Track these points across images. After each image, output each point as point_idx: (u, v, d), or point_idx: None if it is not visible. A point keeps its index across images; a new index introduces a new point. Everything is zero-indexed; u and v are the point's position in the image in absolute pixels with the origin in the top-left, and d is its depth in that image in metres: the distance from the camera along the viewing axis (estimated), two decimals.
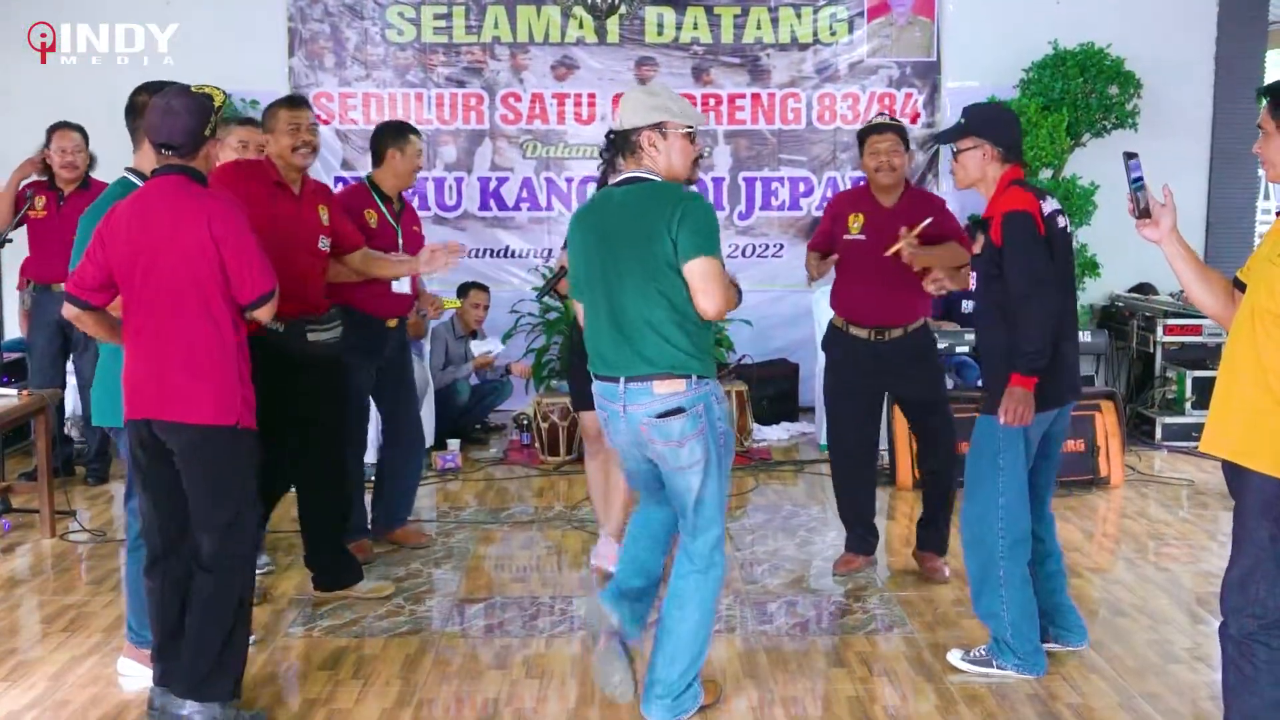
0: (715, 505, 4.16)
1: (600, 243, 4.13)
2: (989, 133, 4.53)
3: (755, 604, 5.49)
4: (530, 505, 7.23)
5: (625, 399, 4.07)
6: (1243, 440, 3.40)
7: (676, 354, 4.02)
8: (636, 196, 4.09)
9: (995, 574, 4.58)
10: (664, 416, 4.02)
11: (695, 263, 3.95)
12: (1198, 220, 9.44)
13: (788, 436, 9.06)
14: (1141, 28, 9.29)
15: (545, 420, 8.23)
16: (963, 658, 4.74)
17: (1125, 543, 6.47)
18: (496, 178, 9.66)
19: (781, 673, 4.73)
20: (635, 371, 4.05)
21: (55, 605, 5.46)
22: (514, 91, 9.60)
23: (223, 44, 9.11)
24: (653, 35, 9.57)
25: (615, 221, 4.10)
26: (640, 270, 4.01)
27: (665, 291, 4.00)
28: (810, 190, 9.68)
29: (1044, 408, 4.49)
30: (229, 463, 4.06)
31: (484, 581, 5.83)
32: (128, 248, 3.96)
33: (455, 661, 4.86)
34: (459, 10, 9.49)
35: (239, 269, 3.96)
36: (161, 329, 3.96)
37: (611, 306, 4.09)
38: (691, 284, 3.98)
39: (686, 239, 3.94)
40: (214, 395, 3.97)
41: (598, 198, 4.33)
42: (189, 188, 4.00)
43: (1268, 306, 3.32)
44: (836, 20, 9.61)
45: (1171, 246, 3.59)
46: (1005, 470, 4.52)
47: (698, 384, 4.05)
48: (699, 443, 4.05)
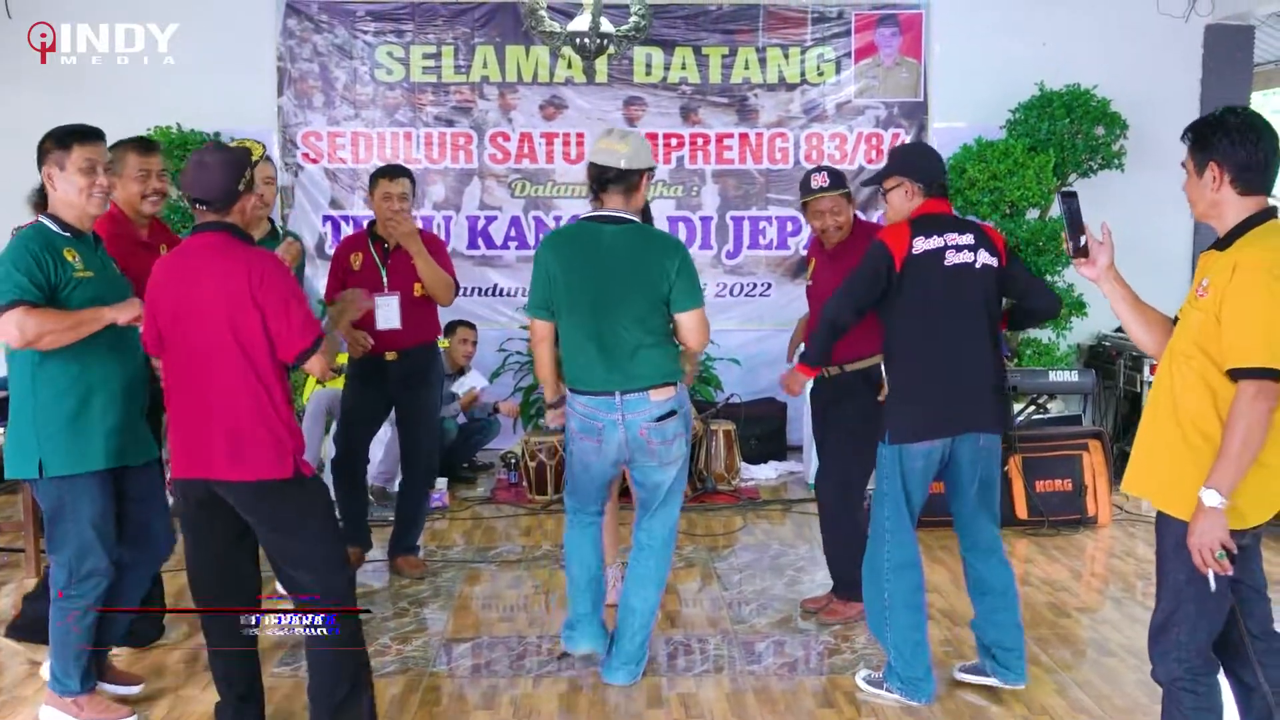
0: (679, 491, 4.98)
1: (591, 276, 4.62)
2: (907, 170, 4.78)
3: (743, 643, 5.47)
4: (518, 544, 7.21)
5: (623, 409, 4.68)
6: (1158, 482, 3.49)
7: (666, 365, 4.73)
8: (634, 239, 4.68)
9: (881, 595, 4.75)
10: (662, 419, 4.71)
11: (691, 315, 4.71)
12: (1183, 258, 9.48)
13: (776, 475, 9.04)
14: (1127, 69, 9.35)
15: (533, 459, 8.21)
16: (863, 678, 4.93)
17: (1113, 582, 6.47)
18: (485, 216, 9.68)
19: (770, 713, 4.71)
20: (630, 386, 4.67)
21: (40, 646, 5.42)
22: (502, 131, 9.63)
23: (211, 85, 9.11)
24: (641, 75, 9.61)
25: (612, 259, 4.60)
26: (638, 306, 4.64)
27: (659, 323, 4.71)
28: (798, 229, 9.70)
29: (924, 437, 4.63)
30: (297, 511, 4.08)
31: (471, 621, 5.81)
32: (173, 304, 4.00)
33: (442, 701, 4.84)
34: (448, 50, 9.52)
35: (279, 329, 3.95)
36: (208, 388, 3.98)
37: (600, 333, 4.66)
38: (683, 329, 4.75)
39: (683, 290, 4.66)
40: (270, 449, 3.98)
41: (580, 229, 4.78)
42: (230, 245, 4.00)
43: (1181, 347, 3.42)
44: (824, 61, 9.67)
45: (1109, 285, 3.66)
46: (887, 495, 4.73)
47: (681, 390, 4.81)
48: (683, 440, 4.83)
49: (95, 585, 4.42)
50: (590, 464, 4.87)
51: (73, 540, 4.37)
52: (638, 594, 4.94)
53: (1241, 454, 3.22)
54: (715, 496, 8.25)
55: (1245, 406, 3.21)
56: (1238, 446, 3.21)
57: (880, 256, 4.60)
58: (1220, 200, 3.41)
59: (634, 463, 4.84)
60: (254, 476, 3.97)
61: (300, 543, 4.09)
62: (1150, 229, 9.08)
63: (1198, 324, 3.35)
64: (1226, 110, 3.43)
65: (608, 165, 4.68)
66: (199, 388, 3.99)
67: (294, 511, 4.07)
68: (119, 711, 4.54)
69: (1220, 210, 3.42)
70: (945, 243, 4.61)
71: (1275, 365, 3.20)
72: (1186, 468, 3.35)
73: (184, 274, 4.00)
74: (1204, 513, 3.25)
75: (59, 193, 4.34)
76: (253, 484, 3.98)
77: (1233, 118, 3.38)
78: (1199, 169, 3.43)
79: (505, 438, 9.25)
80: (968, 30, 9.59)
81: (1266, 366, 3.20)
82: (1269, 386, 3.20)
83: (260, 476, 3.97)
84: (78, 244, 4.36)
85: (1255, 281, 3.23)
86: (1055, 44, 9.52)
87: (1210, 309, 3.31)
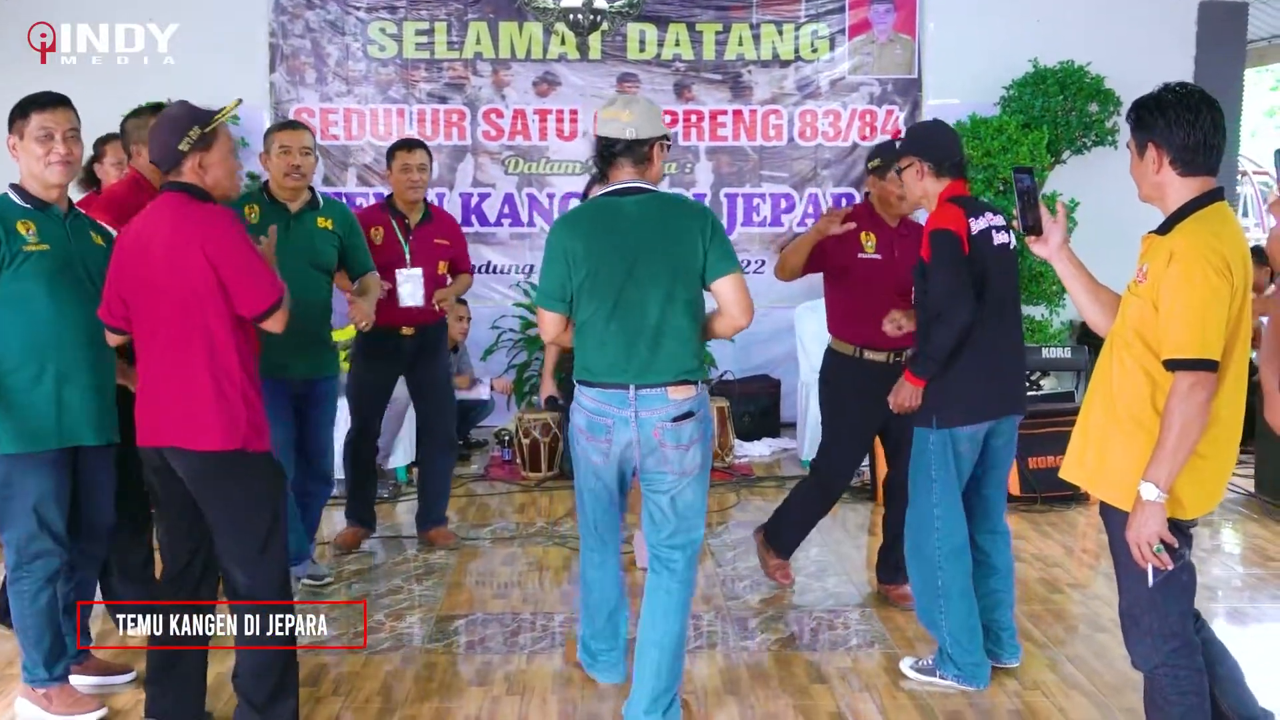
0: (701, 510, 4.32)
1: (615, 252, 4.12)
2: (919, 149, 4.66)
3: (737, 620, 5.49)
4: (512, 521, 7.21)
5: (637, 405, 4.13)
6: (1093, 471, 3.45)
7: (690, 360, 4.18)
8: (657, 207, 4.17)
9: (934, 583, 4.67)
10: (678, 420, 4.15)
11: (729, 279, 4.15)
12: None
13: (769, 452, 9.06)
14: (1121, 46, 9.34)
15: (527, 436, 8.21)
16: (911, 666, 4.83)
17: (1104, 558, 6.45)
18: (478, 194, 9.66)
19: (763, 689, 4.73)
20: (648, 379, 4.13)
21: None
22: (496, 107, 9.61)
23: (203, 61, 9.07)
24: (635, 52, 9.58)
25: (637, 232, 4.12)
26: (669, 280, 4.12)
27: (692, 300, 4.17)
28: (792, 206, 9.71)
29: (974, 420, 4.60)
30: (240, 489, 3.95)
31: (465, 598, 5.82)
32: (133, 270, 3.91)
33: (436, 678, 4.84)
34: (441, 26, 9.49)
35: (238, 285, 3.84)
36: (164, 353, 3.88)
37: (626, 315, 4.13)
38: (724, 298, 4.17)
39: (719, 254, 4.13)
40: (216, 419, 3.86)
41: (598, 206, 4.26)
42: (185, 206, 3.88)
43: (1121, 333, 3.36)
44: (818, 38, 9.65)
45: (1062, 264, 3.58)
46: (938, 481, 4.63)
47: (701, 388, 4.24)
48: (701, 447, 4.21)
49: (44, 565, 4.30)
50: (599, 471, 4.32)
51: (20, 520, 4.25)
52: (659, 626, 4.28)
53: (1178, 447, 3.14)
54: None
55: (1181, 399, 3.13)
56: (1174, 440, 3.14)
57: (952, 243, 4.45)
58: (1162, 182, 3.32)
59: (646, 472, 4.26)
60: (199, 446, 3.87)
61: (234, 526, 3.95)
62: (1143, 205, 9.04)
63: (1137, 311, 3.28)
64: (1165, 88, 3.32)
65: (614, 137, 4.17)
66: (155, 353, 3.90)
67: (237, 490, 3.94)
68: (87, 705, 4.43)
69: (1163, 193, 3.34)
70: (989, 223, 4.59)
71: (1209, 356, 3.13)
72: (1120, 456, 3.31)
73: (139, 239, 3.91)
74: (1142, 506, 3.20)
75: (21, 162, 4.29)
76: (198, 454, 3.88)
77: (1170, 96, 3.29)
78: (1140, 150, 3.35)
79: (499, 415, 9.25)
80: (962, 7, 9.59)
81: (1200, 358, 3.13)
82: (1205, 378, 3.13)
83: (205, 447, 3.87)
84: (38, 215, 4.26)
85: (1190, 271, 3.14)
86: (1049, 21, 9.51)
87: (1148, 296, 3.23)
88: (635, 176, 4.19)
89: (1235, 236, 3.24)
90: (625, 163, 4.19)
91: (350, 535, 6.58)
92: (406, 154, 6.31)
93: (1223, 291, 3.14)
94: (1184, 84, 3.35)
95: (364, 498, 6.63)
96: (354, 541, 6.56)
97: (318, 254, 5.64)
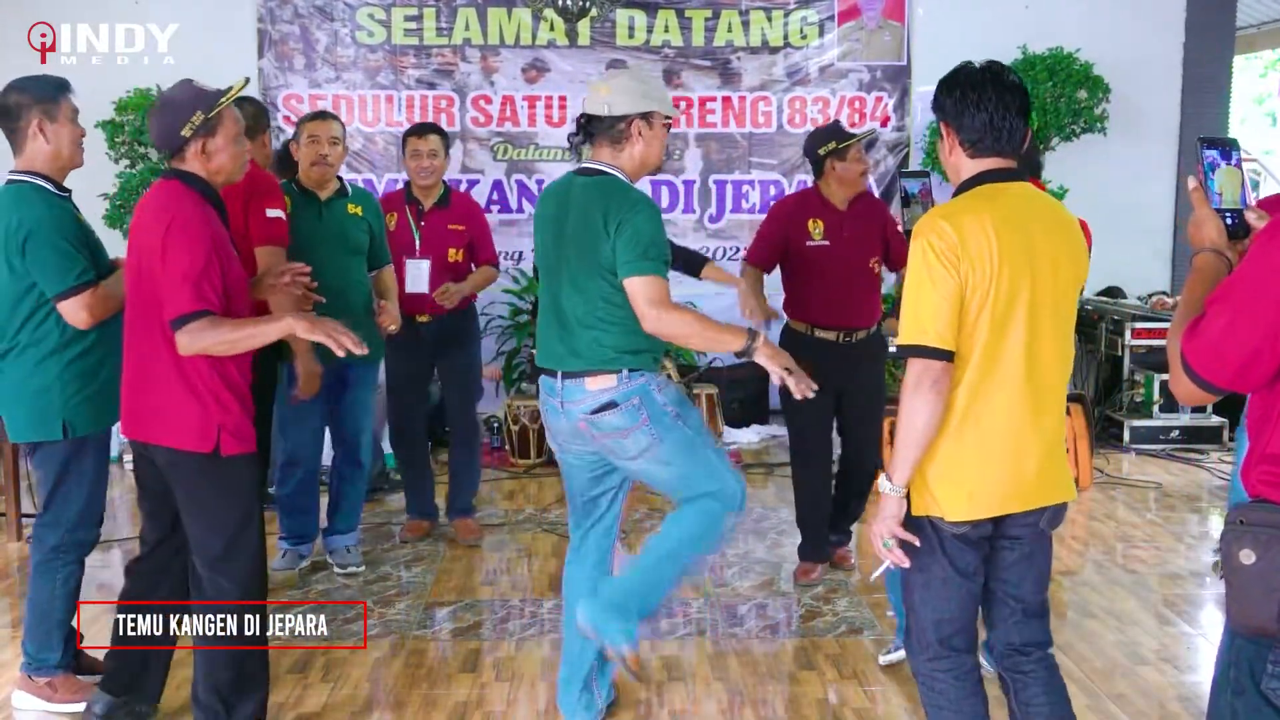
0: (696, 474, 4.01)
1: (554, 232, 4.05)
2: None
3: (725, 606, 5.49)
4: (500, 508, 7.21)
5: (562, 395, 3.98)
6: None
7: (605, 351, 3.93)
8: (594, 192, 3.95)
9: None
10: (598, 412, 3.93)
11: (631, 283, 3.83)
12: (1166, 223, 9.51)
13: (758, 439, 9.07)
14: (1110, 32, 9.33)
15: (515, 423, 8.21)
16: (883, 655, 4.86)
17: (1093, 545, 6.51)
18: (467, 180, 9.63)
19: (751, 675, 4.73)
20: (569, 367, 3.97)
21: (22, 609, 5.41)
22: (485, 94, 9.58)
23: (190, 46, 9.03)
24: (624, 38, 9.55)
25: (570, 214, 3.99)
26: (580, 268, 3.94)
27: (601, 292, 3.92)
28: (781, 193, 9.67)
29: None
30: (210, 491, 3.83)
31: (454, 584, 5.82)
32: (129, 256, 3.86)
33: (425, 664, 4.85)
34: (429, 12, 9.45)
35: (163, 285, 3.67)
36: (140, 345, 3.81)
37: (555, 299, 4.03)
38: (629, 297, 3.87)
39: (626, 253, 3.83)
40: (188, 418, 3.74)
41: (558, 184, 4.19)
42: (171, 194, 3.76)
43: None
44: (807, 24, 9.63)
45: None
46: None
47: (629, 378, 3.93)
48: (643, 432, 3.93)
49: (83, 549, 4.38)
50: (562, 448, 4.18)
51: (75, 500, 4.31)
52: (644, 548, 4.18)
53: (905, 439, 3.00)
54: None
55: (906, 388, 2.98)
56: (901, 430, 3.00)
57: None
58: (955, 165, 3.17)
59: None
60: (171, 444, 3.78)
61: (201, 523, 3.85)
62: (1132, 192, 9.13)
63: None
64: (959, 66, 3.21)
65: (592, 113, 3.98)
66: (134, 345, 3.82)
67: (207, 491, 3.82)
68: (91, 691, 4.38)
69: (958, 175, 3.16)
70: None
71: (925, 342, 2.96)
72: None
73: (136, 224, 3.84)
74: (881, 499, 3.10)
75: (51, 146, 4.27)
76: (169, 450, 3.79)
77: (960, 75, 3.16)
78: (942, 131, 3.20)
79: (488, 401, 9.18)
80: None
81: (916, 344, 2.98)
82: (929, 365, 2.96)
83: (177, 445, 3.77)
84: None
85: (913, 253, 3.01)
86: (1038, 7, 9.49)
87: None
88: (612, 156, 3.99)
89: (999, 218, 3.00)
90: (603, 141, 3.99)
91: (413, 527, 6.61)
92: (417, 139, 6.28)
93: (940, 275, 2.95)
94: (982, 63, 3.20)
95: (419, 489, 6.64)
96: (418, 533, 6.58)
97: (350, 239, 5.74)
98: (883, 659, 4.82)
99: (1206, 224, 2.58)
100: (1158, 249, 9.58)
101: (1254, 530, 2.32)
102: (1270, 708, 2.32)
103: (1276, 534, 2.29)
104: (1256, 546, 2.30)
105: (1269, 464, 2.35)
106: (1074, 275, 3.17)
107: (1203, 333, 2.35)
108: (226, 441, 3.78)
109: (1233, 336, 2.30)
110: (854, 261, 5.53)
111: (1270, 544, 2.29)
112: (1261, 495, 2.35)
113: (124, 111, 8.78)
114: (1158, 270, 9.64)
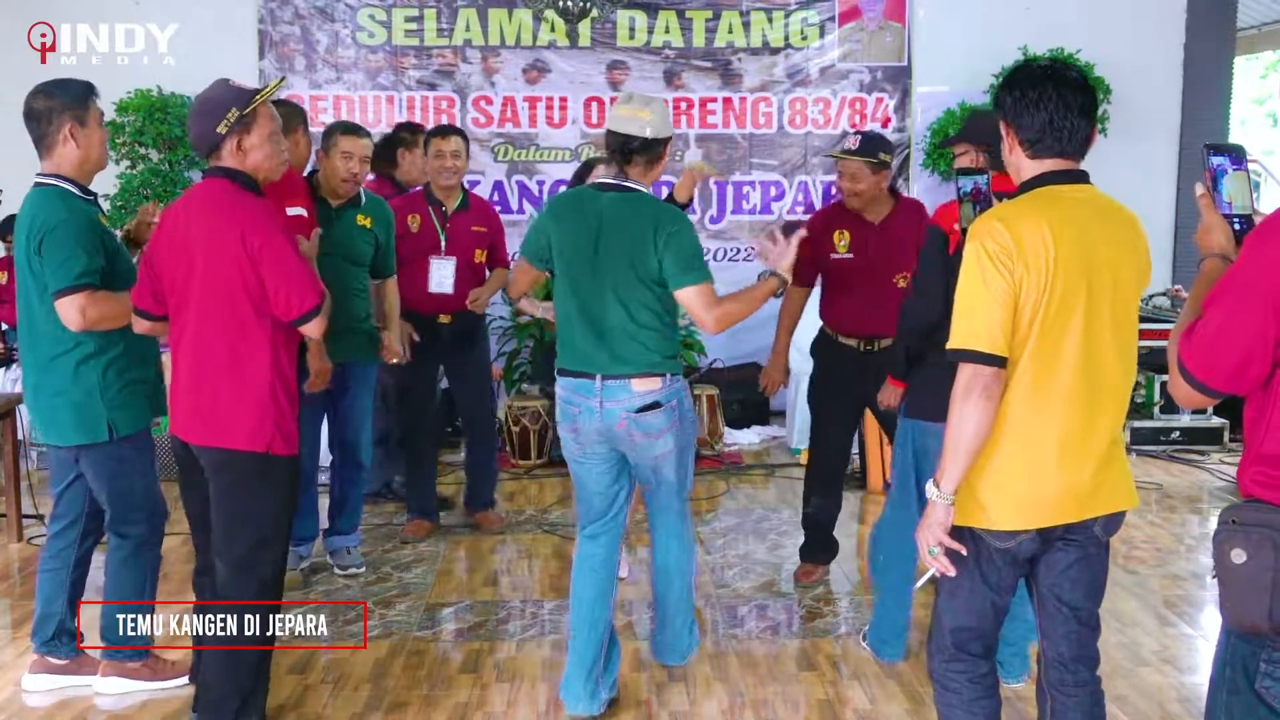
0: (687, 480, 4.45)
1: (586, 244, 4.17)
2: (977, 138, 4.49)
3: (726, 607, 5.49)
4: (501, 509, 7.20)
5: (602, 395, 4.16)
6: None
7: (652, 355, 4.18)
8: (630, 209, 4.18)
9: (878, 556, 4.81)
10: (642, 411, 4.16)
11: (688, 292, 4.11)
12: (1166, 224, 9.43)
13: (758, 440, 9.07)
14: (1111, 34, 9.34)
15: (516, 424, 8.21)
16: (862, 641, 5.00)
17: None
18: (467, 181, 9.54)
19: (752, 676, 4.73)
20: (612, 370, 4.16)
21: (22, 610, 5.41)
22: (485, 94, 9.58)
23: (191, 47, 9.05)
24: (624, 39, 9.56)
25: (602, 229, 4.16)
26: (626, 282, 4.13)
27: (648, 303, 4.16)
28: (781, 194, 9.69)
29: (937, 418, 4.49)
30: (252, 491, 3.85)
31: (455, 585, 5.82)
32: (170, 254, 3.82)
33: (425, 665, 4.85)
34: (430, 13, 9.46)
35: (276, 286, 3.73)
36: (198, 344, 3.80)
37: (589, 309, 4.18)
38: (685, 306, 4.16)
39: (675, 264, 4.09)
40: (245, 419, 3.78)
41: (578, 195, 4.37)
42: (226, 193, 3.79)
43: None
44: (808, 25, 9.63)
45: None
46: (896, 466, 4.72)
47: (671, 381, 4.22)
48: (672, 435, 4.24)
49: (161, 534, 4.51)
50: (573, 457, 4.36)
51: (140, 491, 4.39)
52: (663, 582, 4.54)
53: (955, 447, 2.93)
54: (698, 461, 8.22)
55: (956, 395, 2.92)
56: (950, 438, 2.94)
57: (940, 240, 4.36)
58: (1016, 164, 3.10)
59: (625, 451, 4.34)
60: (223, 444, 3.80)
61: (235, 524, 3.86)
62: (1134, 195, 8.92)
63: None
64: (1021, 64, 3.15)
65: (631, 134, 4.17)
66: (191, 343, 3.81)
67: (251, 492, 3.85)
68: (180, 670, 4.55)
69: (1019, 175, 3.10)
70: None
71: (976, 348, 2.90)
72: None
73: (177, 225, 3.81)
74: (928, 506, 3.03)
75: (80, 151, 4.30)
76: (221, 450, 3.81)
77: (1020, 72, 3.10)
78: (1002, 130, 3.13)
79: None
80: None
81: (966, 349, 2.92)
82: (980, 371, 2.89)
83: (232, 445, 3.79)
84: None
85: (967, 257, 2.95)
86: (1039, 8, 9.49)
87: None
88: (641, 174, 4.24)
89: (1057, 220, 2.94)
90: (639, 160, 4.22)
91: (414, 527, 6.61)
92: (441, 140, 6.31)
93: (994, 278, 2.89)
94: (1040, 62, 3.15)
95: (424, 490, 6.68)
96: (419, 533, 6.58)
97: (353, 250, 5.77)
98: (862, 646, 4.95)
99: (1214, 230, 2.59)
100: (1159, 250, 9.49)
101: (1246, 530, 2.34)
102: (1264, 707, 2.33)
103: (1268, 534, 2.31)
104: (1248, 546, 2.33)
105: (1262, 465, 2.36)
106: (1136, 279, 3.07)
107: (1198, 335, 2.36)
108: (277, 443, 3.83)
109: (1226, 338, 2.32)
110: (877, 275, 5.39)
111: (1261, 544, 2.31)
112: (1254, 495, 2.36)
113: (124, 112, 8.80)
114: (1159, 271, 9.53)
